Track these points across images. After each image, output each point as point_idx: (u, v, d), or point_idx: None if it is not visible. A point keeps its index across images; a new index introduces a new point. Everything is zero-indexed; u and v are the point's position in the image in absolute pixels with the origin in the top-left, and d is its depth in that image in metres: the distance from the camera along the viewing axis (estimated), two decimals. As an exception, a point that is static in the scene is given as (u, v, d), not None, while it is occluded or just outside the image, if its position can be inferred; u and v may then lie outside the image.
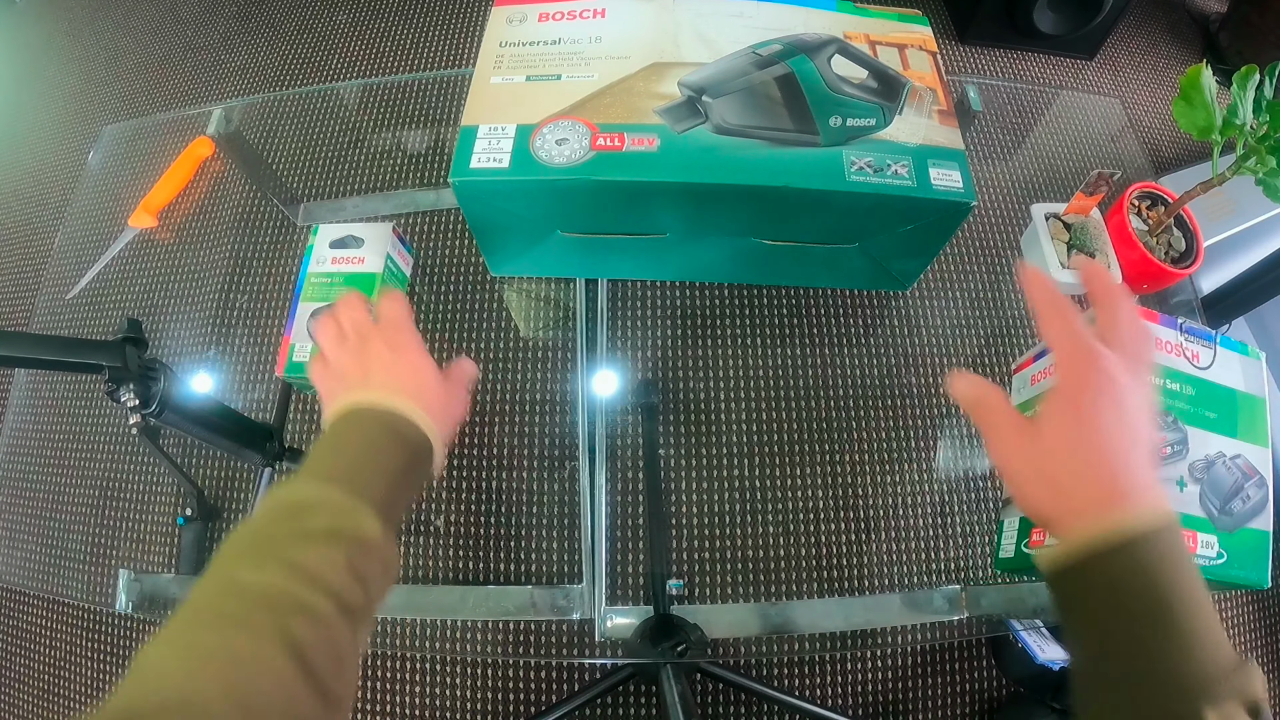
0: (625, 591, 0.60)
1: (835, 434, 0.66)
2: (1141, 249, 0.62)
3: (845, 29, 0.56)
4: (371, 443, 0.39)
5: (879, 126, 0.50)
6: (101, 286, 0.77)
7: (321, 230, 0.66)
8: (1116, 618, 0.30)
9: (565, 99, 0.51)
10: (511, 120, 0.51)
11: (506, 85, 0.53)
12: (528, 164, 0.49)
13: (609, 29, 0.56)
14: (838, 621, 0.60)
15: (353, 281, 0.64)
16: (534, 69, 0.54)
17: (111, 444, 0.69)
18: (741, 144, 0.48)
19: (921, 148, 0.51)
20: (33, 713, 1.01)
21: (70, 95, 1.60)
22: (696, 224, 0.55)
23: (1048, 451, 0.33)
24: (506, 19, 0.59)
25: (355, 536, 0.34)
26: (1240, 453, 0.50)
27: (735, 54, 0.53)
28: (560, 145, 0.49)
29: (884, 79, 0.52)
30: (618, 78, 0.53)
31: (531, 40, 0.56)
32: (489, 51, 0.56)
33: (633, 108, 0.51)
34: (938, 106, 0.54)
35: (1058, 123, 0.83)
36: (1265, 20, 1.49)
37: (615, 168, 0.48)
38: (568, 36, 0.56)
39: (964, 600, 0.59)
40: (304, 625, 0.30)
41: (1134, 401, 0.32)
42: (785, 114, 0.49)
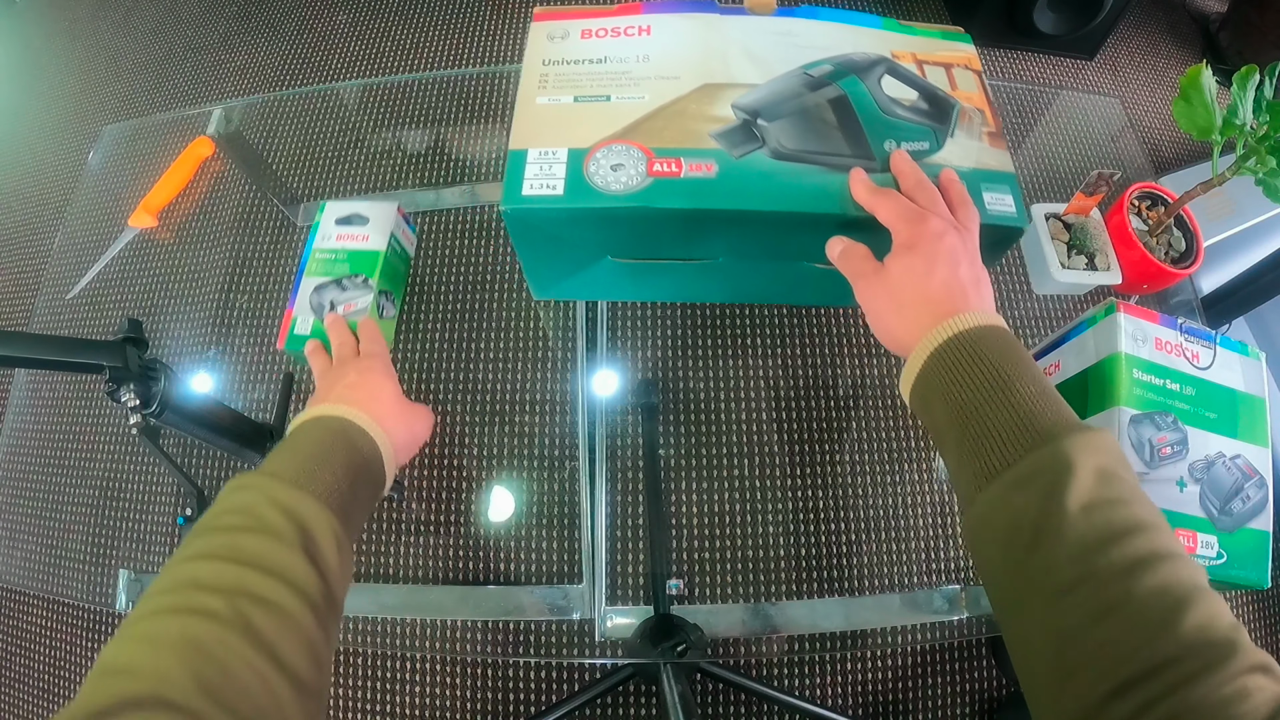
0: (625, 591, 0.60)
1: (835, 434, 0.66)
2: (1141, 249, 0.62)
3: (892, 48, 0.54)
4: (319, 444, 0.41)
5: (932, 150, 0.49)
6: (101, 286, 0.77)
7: (328, 207, 0.67)
8: (961, 393, 0.35)
9: (616, 121, 0.50)
10: (562, 144, 0.49)
11: (553, 106, 0.51)
12: (583, 191, 0.47)
13: (656, 47, 0.54)
14: (838, 621, 0.60)
15: (357, 259, 0.64)
16: (581, 89, 0.52)
17: (111, 444, 0.69)
18: (799, 169, 0.47)
19: (975, 171, 0.50)
20: (33, 713, 1.01)
21: (70, 95, 1.60)
22: (752, 249, 0.55)
23: (895, 286, 0.41)
24: (547, 35, 0.56)
25: (305, 527, 0.35)
26: (1240, 453, 0.50)
27: (786, 75, 0.52)
28: (616, 171, 0.47)
29: (934, 100, 0.51)
30: (669, 99, 0.51)
31: (576, 58, 0.54)
32: (532, 70, 0.54)
33: (687, 131, 0.49)
34: (987, 128, 0.52)
35: (1058, 123, 0.83)
36: (1265, 20, 1.49)
37: (674, 195, 0.47)
38: (614, 55, 0.54)
39: (964, 600, 0.59)
40: (263, 614, 0.30)
41: (957, 244, 0.41)
42: (840, 137, 0.48)
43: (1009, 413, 0.33)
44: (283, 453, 0.40)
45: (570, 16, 0.57)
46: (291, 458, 0.39)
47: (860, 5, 1.60)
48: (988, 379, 0.34)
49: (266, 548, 0.33)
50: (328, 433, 0.42)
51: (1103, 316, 0.53)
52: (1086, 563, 0.28)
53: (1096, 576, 0.28)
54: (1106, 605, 0.27)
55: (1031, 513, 0.30)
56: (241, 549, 0.33)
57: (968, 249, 0.42)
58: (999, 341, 0.36)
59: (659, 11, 0.57)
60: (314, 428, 0.42)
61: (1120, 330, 0.51)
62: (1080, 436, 0.31)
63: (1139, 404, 0.49)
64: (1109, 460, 0.31)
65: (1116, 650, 0.26)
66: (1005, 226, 0.49)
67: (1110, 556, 0.28)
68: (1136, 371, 0.50)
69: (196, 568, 0.32)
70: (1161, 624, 0.26)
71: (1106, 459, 0.31)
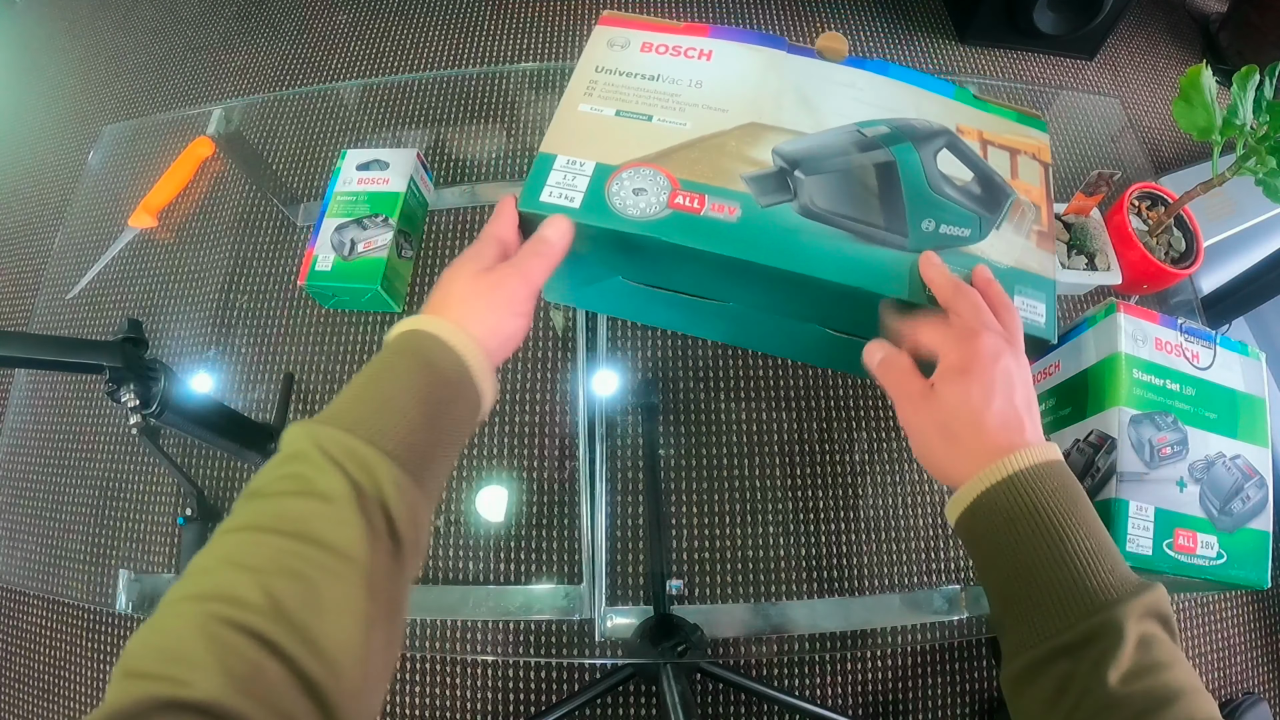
0: (625, 591, 0.60)
1: (835, 434, 0.66)
2: (1141, 249, 0.62)
3: (959, 121, 0.51)
4: (385, 373, 0.36)
5: (973, 239, 0.45)
6: (101, 286, 0.77)
7: (350, 154, 0.70)
8: (1015, 544, 0.33)
9: (652, 144, 0.48)
10: (592, 157, 0.47)
11: (594, 116, 0.49)
12: (599, 208, 0.45)
13: (712, 75, 0.52)
14: (838, 621, 0.60)
15: (377, 200, 0.67)
16: (626, 103, 0.50)
17: (111, 444, 0.69)
18: (825, 232, 0.44)
19: (1011, 271, 0.46)
20: (33, 713, 1.01)
21: (70, 95, 1.60)
22: (763, 301, 0.53)
23: (947, 414, 0.37)
24: (608, 41, 0.54)
25: (359, 484, 0.31)
26: (1240, 453, 0.50)
27: (837, 129, 0.49)
28: (637, 195, 0.45)
29: (989, 185, 0.47)
30: (711, 131, 0.48)
31: (630, 71, 0.52)
32: (583, 74, 0.52)
33: (720, 168, 0.47)
34: (1038, 226, 0.48)
35: (1058, 123, 0.83)
36: (1265, 20, 1.49)
37: (689, 232, 0.44)
38: (668, 74, 0.52)
39: (964, 600, 0.59)
40: (299, 592, 0.28)
41: (1012, 366, 0.38)
42: (877, 206, 0.45)
43: (1062, 573, 0.32)
44: (350, 391, 0.35)
45: (636, 26, 0.55)
46: (355, 396, 0.35)
47: (861, 16, 1.60)
48: (1042, 533, 0.33)
49: (313, 512, 0.30)
50: (394, 355, 0.37)
51: (1103, 316, 0.53)
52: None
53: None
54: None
55: (1077, 682, 0.30)
56: (284, 516, 0.30)
57: (1021, 368, 0.38)
58: (1054, 485, 0.34)
59: (725, 38, 0.55)
60: (384, 353, 0.37)
61: (1120, 330, 0.51)
62: (1130, 604, 0.31)
63: (1139, 404, 0.49)
64: (1153, 625, 0.31)
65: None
66: (1029, 336, 0.44)
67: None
68: (1136, 371, 0.50)
69: (233, 543, 0.29)
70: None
71: (1151, 625, 0.31)
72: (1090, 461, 0.50)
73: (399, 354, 0.37)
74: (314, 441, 0.32)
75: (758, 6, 1.60)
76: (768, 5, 1.60)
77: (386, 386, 0.35)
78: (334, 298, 0.68)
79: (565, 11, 1.57)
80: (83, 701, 1.00)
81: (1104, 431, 0.50)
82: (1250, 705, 0.99)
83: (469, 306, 0.39)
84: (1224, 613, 1.06)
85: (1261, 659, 1.05)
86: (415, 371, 0.36)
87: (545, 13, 1.57)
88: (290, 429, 0.33)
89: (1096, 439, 0.50)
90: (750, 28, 1.06)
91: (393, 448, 0.32)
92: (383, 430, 0.33)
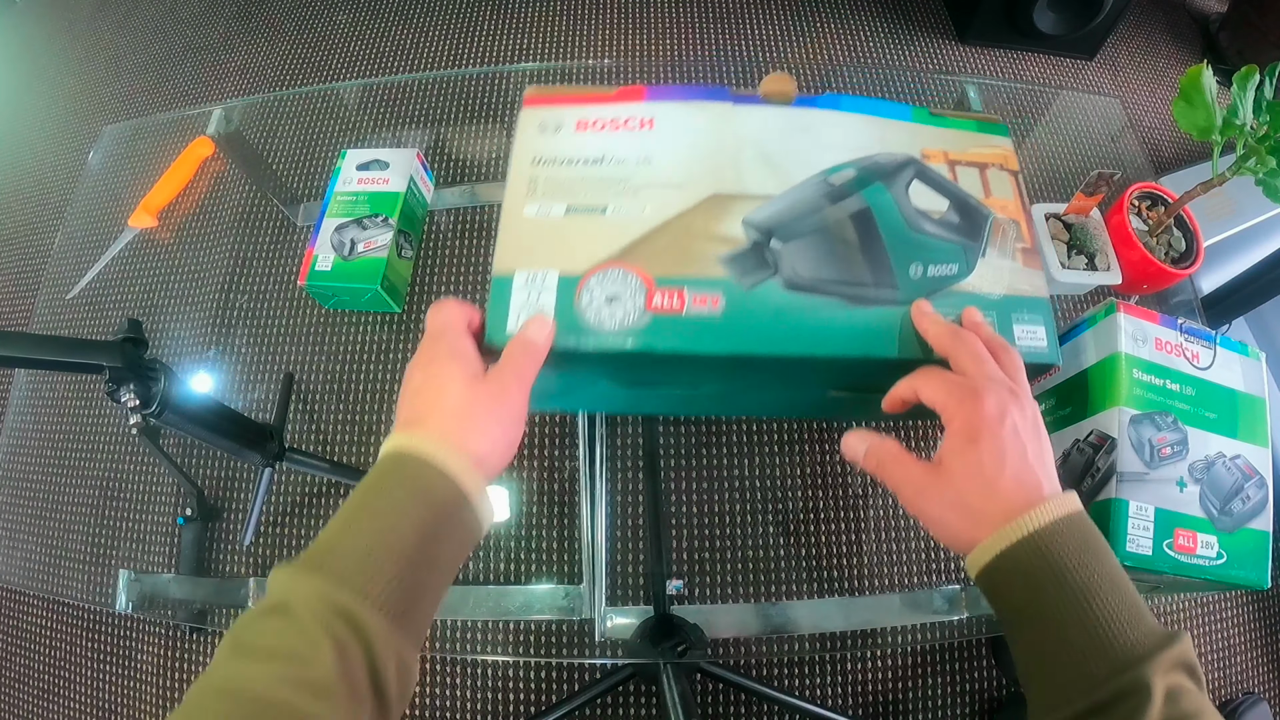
0: (625, 592, 0.60)
1: (835, 434, 0.66)
2: (1141, 249, 0.62)
3: (922, 145, 0.48)
4: (375, 504, 0.33)
5: (962, 275, 0.44)
6: (101, 286, 0.77)
7: (350, 154, 0.70)
8: (1039, 603, 0.33)
9: (613, 240, 0.44)
10: (552, 266, 0.43)
11: (543, 220, 0.45)
12: (574, 326, 0.41)
13: (659, 146, 0.48)
14: (838, 621, 0.60)
15: (377, 200, 0.67)
16: (575, 197, 0.46)
17: (111, 444, 0.69)
18: (815, 303, 0.42)
19: (1005, 299, 0.44)
20: (33, 713, 1.01)
21: (70, 95, 1.60)
22: (759, 381, 0.51)
23: (958, 488, 0.35)
24: (539, 125, 0.49)
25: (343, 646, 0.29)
26: (1240, 453, 0.50)
27: (805, 183, 0.46)
28: (611, 305, 0.42)
29: (966, 210, 0.46)
30: (673, 213, 0.45)
31: (569, 158, 0.48)
32: (520, 172, 0.47)
33: (692, 254, 0.43)
34: (1021, 244, 0.46)
35: (1058, 123, 0.83)
36: (1265, 20, 1.49)
37: (675, 336, 0.41)
38: (612, 154, 0.48)
39: (964, 600, 0.59)
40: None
41: (1019, 421, 0.36)
42: (862, 261, 0.43)
43: (1089, 633, 0.31)
44: (341, 521, 0.33)
45: (566, 101, 0.50)
46: (345, 530, 0.33)
47: (860, 16, 1.60)
48: (1067, 593, 0.32)
49: (294, 688, 0.28)
50: (390, 482, 0.34)
51: (1103, 316, 0.53)
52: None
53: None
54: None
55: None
56: (255, 683, 0.28)
57: (1029, 418, 0.37)
58: (1077, 541, 0.33)
59: (665, 99, 0.50)
60: (379, 476, 0.34)
61: (1120, 330, 0.51)
62: (1158, 659, 0.31)
63: (1139, 404, 0.49)
64: (1180, 677, 0.31)
65: None
66: (1033, 364, 0.43)
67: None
68: (1136, 371, 0.50)
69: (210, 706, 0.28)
70: None
71: (1178, 676, 0.31)
72: (1090, 461, 0.50)
73: (396, 482, 0.34)
74: (300, 597, 0.30)
75: (698, 43, 1.54)
76: (706, 41, 1.54)
77: (378, 524, 0.33)
78: (334, 298, 0.68)
79: (565, 11, 1.57)
80: (82, 701, 1.00)
81: (1104, 431, 0.50)
82: (1250, 705, 0.99)
83: (473, 422, 0.36)
84: (1224, 613, 1.06)
85: (1261, 659, 1.05)
86: (408, 506, 0.33)
87: (545, 13, 1.57)
88: (277, 574, 0.31)
89: (1096, 439, 0.50)
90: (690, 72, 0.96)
91: (383, 596, 0.31)
92: (373, 577, 0.31)
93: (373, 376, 0.69)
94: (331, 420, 0.68)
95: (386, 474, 0.34)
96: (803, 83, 0.52)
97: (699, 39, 1.53)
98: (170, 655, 0.99)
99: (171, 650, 1.00)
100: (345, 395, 0.68)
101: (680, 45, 1.52)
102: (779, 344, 0.41)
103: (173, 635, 1.00)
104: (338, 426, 0.68)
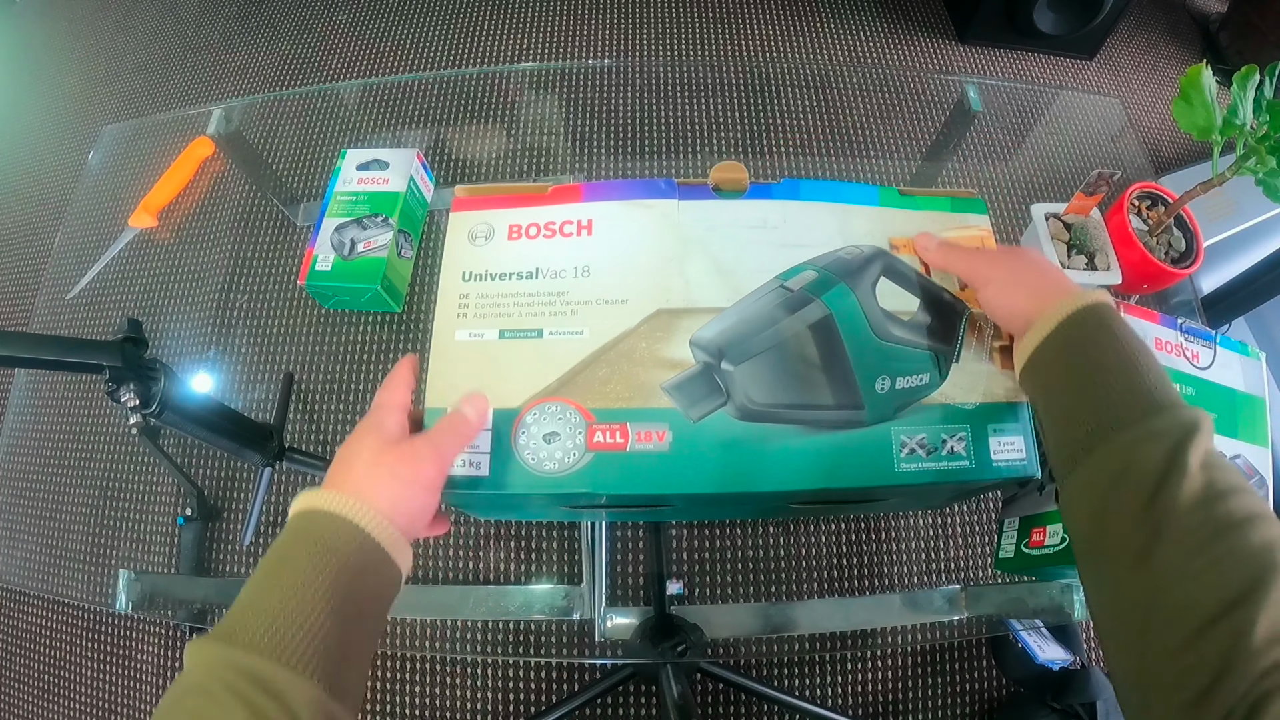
0: (625, 591, 0.60)
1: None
2: (1141, 249, 0.62)
3: (891, 233, 0.44)
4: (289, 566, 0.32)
5: (933, 385, 0.40)
6: (101, 286, 0.77)
7: (350, 154, 0.70)
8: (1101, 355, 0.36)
9: (550, 368, 0.40)
10: None
11: (475, 344, 0.41)
12: (512, 470, 0.39)
13: (599, 254, 0.43)
14: (838, 621, 0.60)
15: (377, 200, 0.67)
16: (508, 319, 0.42)
17: (111, 444, 0.69)
18: (771, 432, 0.38)
19: (980, 407, 0.40)
20: (33, 713, 1.01)
21: (70, 95, 1.60)
22: (720, 505, 0.49)
23: (1011, 270, 0.41)
24: (469, 234, 0.45)
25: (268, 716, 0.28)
26: (1240, 453, 0.50)
27: (759, 291, 0.41)
28: (549, 444, 0.39)
29: (939, 307, 0.42)
30: (615, 334, 0.41)
31: (502, 271, 0.43)
32: (451, 291, 0.43)
33: (636, 383, 0.40)
34: (999, 341, 0.42)
35: (1058, 123, 0.83)
36: (1265, 20, 1.49)
37: (619, 477, 0.38)
38: (547, 265, 0.43)
39: (964, 600, 0.59)
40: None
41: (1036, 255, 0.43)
42: (823, 380, 0.39)
43: (1143, 379, 0.34)
44: (250, 590, 0.32)
45: (496, 203, 0.46)
46: (254, 599, 0.31)
47: (860, 16, 1.60)
48: (1123, 349, 0.36)
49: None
50: (292, 543, 0.33)
51: (1103, 316, 0.53)
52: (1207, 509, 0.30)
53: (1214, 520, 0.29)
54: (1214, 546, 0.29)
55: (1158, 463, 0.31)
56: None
57: None
58: (1124, 323, 0.37)
59: (603, 198, 0.45)
60: (282, 538, 0.34)
61: (1120, 330, 0.51)
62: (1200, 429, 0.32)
63: (1139, 404, 0.49)
64: None
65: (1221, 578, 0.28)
66: (1010, 478, 0.40)
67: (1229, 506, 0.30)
68: (1136, 371, 0.50)
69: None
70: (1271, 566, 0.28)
71: None
72: (1090, 461, 0.50)
73: (297, 541, 0.33)
74: (212, 670, 0.29)
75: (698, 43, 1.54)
76: (706, 41, 1.53)
77: (286, 582, 0.31)
78: (334, 298, 0.68)
79: (565, 11, 1.57)
80: (82, 701, 1.00)
81: (1104, 431, 0.50)
82: (1250, 705, 0.99)
83: (371, 479, 0.35)
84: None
85: (1261, 659, 1.04)
86: (315, 560, 0.32)
87: (545, 13, 1.57)
88: (190, 648, 0.30)
89: (1096, 439, 0.50)
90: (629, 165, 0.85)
91: (300, 656, 0.29)
92: (286, 638, 0.29)
93: (373, 376, 0.69)
94: (331, 420, 0.68)
95: (289, 539, 0.34)
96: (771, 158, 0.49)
97: (699, 39, 1.53)
98: (170, 655, 0.99)
99: (171, 650, 1.00)
100: (345, 395, 0.68)
101: (680, 45, 1.52)
102: (731, 482, 0.38)
103: (173, 635, 1.00)
104: (338, 426, 0.68)
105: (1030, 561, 0.53)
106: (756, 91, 1.00)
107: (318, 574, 0.32)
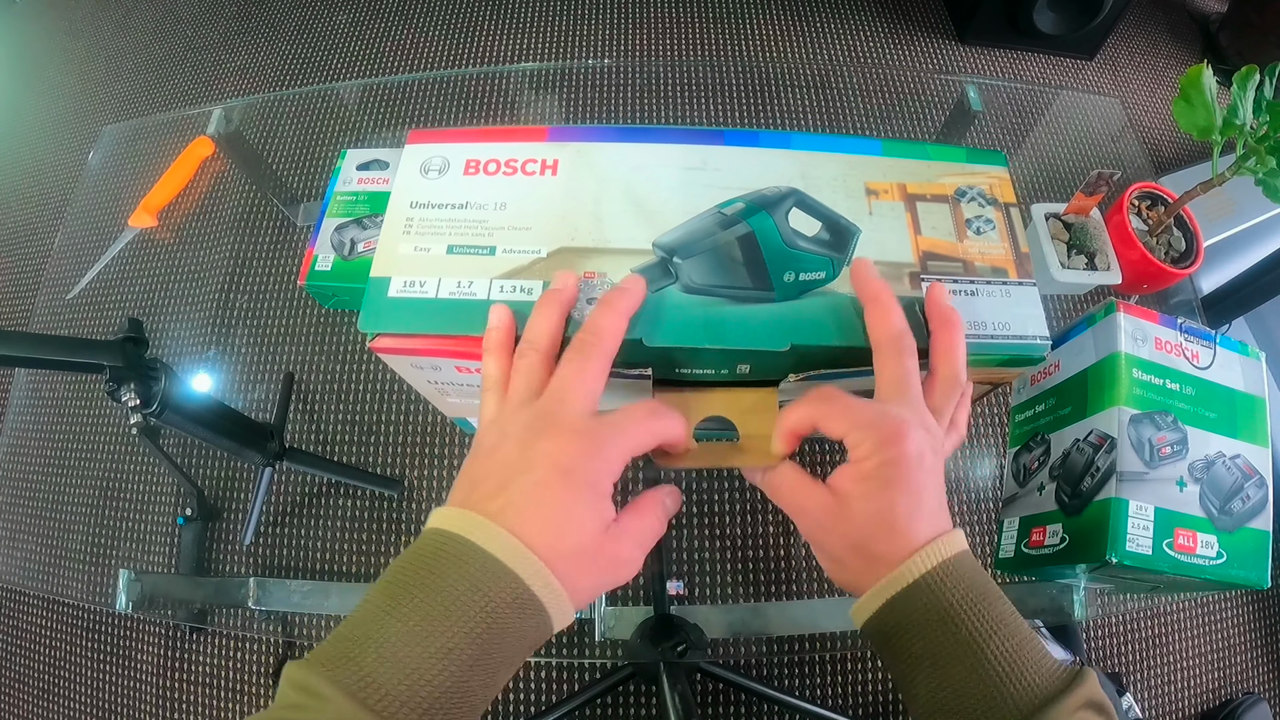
0: (625, 592, 0.60)
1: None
2: (1141, 249, 0.62)
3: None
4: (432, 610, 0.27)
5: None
6: (101, 286, 0.77)
7: (350, 154, 0.70)
8: (931, 653, 0.31)
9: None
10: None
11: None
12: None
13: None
14: (838, 621, 0.60)
15: (377, 200, 0.67)
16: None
17: (111, 444, 0.69)
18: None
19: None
20: (33, 713, 1.01)
21: (70, 95, 1.60)
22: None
23: (860, 530, 0.33)
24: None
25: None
26: (1240, 453, 0.50)
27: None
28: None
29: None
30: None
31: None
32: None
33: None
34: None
35: (1058, 123, 0.83)
36: (1265, 20, 1.49)
37: None
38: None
39: (964, 600, 0.59)
40: None
41: (934, 461, 0.34)
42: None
43: (983, 686, 0.30)
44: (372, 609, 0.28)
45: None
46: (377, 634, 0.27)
47: (860, 16, 1.60)
48: (959, 642, 0.31)
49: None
50: (455, 587, 0.27)
51: (1102, 316, 0.53)
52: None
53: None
54: None
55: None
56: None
57: (940, 452, 0.35)
58: (965, 584, 0.32)
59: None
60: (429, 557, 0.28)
61: (1120, 330, 0.51)
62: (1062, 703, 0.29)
63: (1139, 404, 0.49)
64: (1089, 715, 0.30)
65: None
66: None
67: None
68: (1136, 371, 0.50)
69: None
70: None
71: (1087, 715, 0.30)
72: (1090, 461, 0.50)
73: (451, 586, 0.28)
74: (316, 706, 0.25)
75: (698, 43, 1.57)
76: (706, 41, 1.56)
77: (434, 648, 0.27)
78: (334, 298, 0.68)
79: (565, 12, 1.57)
80: (82, 701, 1.00)
81: (1104, 431, 0.50)
82: (1250, 705, 0.99)
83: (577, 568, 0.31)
84: (1224, 613, 1.06)
85: (1261, 659, 1.05)
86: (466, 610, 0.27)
87: (545, 13, 1.57)
88: (290, 672, 0.26)
89: (1096, 439, 0.50)
90: None
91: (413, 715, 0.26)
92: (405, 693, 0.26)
93: (373, 376, 0.69)
94: (331, 420, 0.68)
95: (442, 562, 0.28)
96: None
97: (699, 39, 1.53)
98: (170, 655, 0.99)
99: (171, 650, 1.00)
100: (345, 395, 0.68)
101: (680, 45, 1.52)
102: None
103: (173, 635, 1.00)
104: (338, 426, 0.68)
105: (1030, 561, 0.53)
106: (757, 91, 1.00)
107: (463, 628, 0.27)
